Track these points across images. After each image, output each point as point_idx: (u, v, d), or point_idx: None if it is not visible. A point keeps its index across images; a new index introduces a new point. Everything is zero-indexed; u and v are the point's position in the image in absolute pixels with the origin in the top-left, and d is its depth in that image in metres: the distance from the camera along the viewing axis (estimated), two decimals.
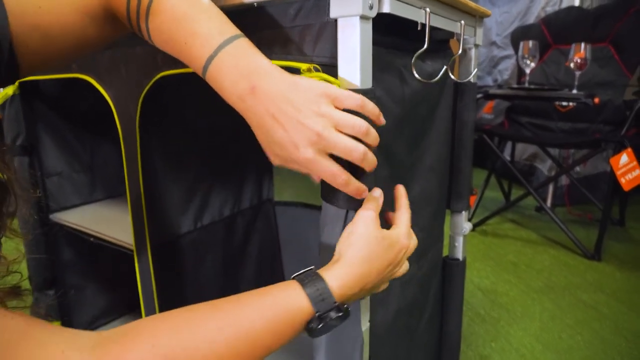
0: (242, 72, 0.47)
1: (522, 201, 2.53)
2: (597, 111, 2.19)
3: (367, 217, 0.51)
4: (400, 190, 0.59)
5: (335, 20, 0.52)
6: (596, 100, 1.73)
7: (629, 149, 1.69)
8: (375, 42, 0.54)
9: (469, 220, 2.18)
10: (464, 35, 0.74)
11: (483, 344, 1.27)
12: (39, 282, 1.14)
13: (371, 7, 0.50)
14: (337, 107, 0.47)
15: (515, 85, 2.51)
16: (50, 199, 1.12)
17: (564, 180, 2.49)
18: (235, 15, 0.55)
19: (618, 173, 1.71)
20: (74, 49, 0.54)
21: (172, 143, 0.88)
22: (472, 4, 0.75)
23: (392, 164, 0.66)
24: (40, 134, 1.08)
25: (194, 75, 0.53)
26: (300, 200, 1.12)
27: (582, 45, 1.79)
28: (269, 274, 1.14)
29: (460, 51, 0.75)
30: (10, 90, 1.00)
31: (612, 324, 1.36)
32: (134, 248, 0.90)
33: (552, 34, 2.45)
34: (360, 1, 0.49)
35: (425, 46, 0.61)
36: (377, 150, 0.52)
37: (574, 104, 2.25)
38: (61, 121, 1.12)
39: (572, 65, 1.81)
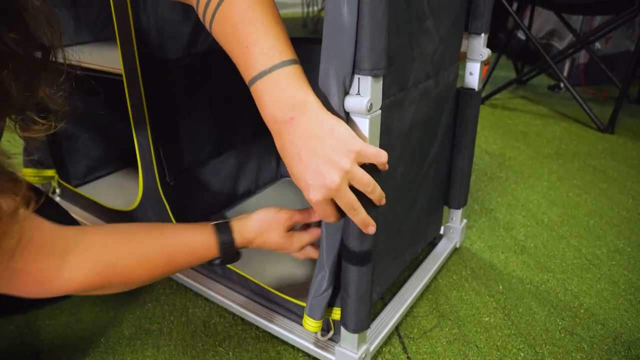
0: (288, 100, 0.49)
1: (535, 79, 2.43)
2: None
3: (283, 216, 0.67)
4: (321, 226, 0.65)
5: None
6: None
7: None
8: None
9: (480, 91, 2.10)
10: None
11: (489, 199, 1.25)
12: None
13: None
14: (358, 162, 0.50)
15: None
16: None
17: (581, 58, 2.35)
18: None
19: None
20: None
21: None
22: None
23: None
24: None
25: None
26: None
27: None
28: None
29: None
30: None
31: (619, 185, 1.33)
32: (123, 73, 0.82)
33: None
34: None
35: None
36: None
37: None
38: None
39: None
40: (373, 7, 0.48)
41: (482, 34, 0.82)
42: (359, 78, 0.51)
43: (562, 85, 2.29)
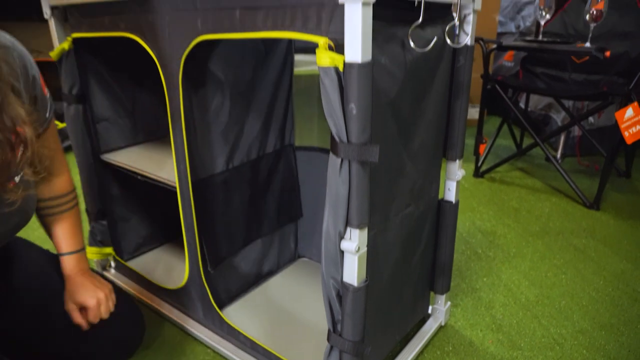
0: None
1: (534, 150, 2.63)
2: (611, 63, 2.22)
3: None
4: None
5: (342, 5, 0.64)
6: (607, 53, 1.78)
7: (635, 103, 1.76)
8: (379, 17, 0.66)
9: (479, 166, 2.31)
10: (461, 2, 0.85)
11: (476, 278, 1.44)
12: (94, 214, 1.34)
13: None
14: None
15: (533, 37, 2.52)
16: (100, 142, 1.30)
17: (576, 130, 2.56)
18: None
19: (622, 126, 1.79)
20: None
21: (207, 96, 1.02)
22: None
23: (397, 120, 0.80)
24: (91, 84, 1.23)
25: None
26: (317, 144, 1.27)
27: None
28: (288, 208, 1.31)
29: (456, 20, 0.86)
30: (65, 45, 1.15)
31: (595, 265, 1.51)
32: (177, 185, 1.07)
33: None
34: None
35: (420, 20, 0.73)
36: (386, 109, 0.65)
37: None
38: (108, 73, 1.27)
39: (587, 17, 1.84)
40: (360, 182, 0.71)
41: (457, 160, 1.05)
42: (350, 230, 0.73)
43: (558, 156, 2.49)
